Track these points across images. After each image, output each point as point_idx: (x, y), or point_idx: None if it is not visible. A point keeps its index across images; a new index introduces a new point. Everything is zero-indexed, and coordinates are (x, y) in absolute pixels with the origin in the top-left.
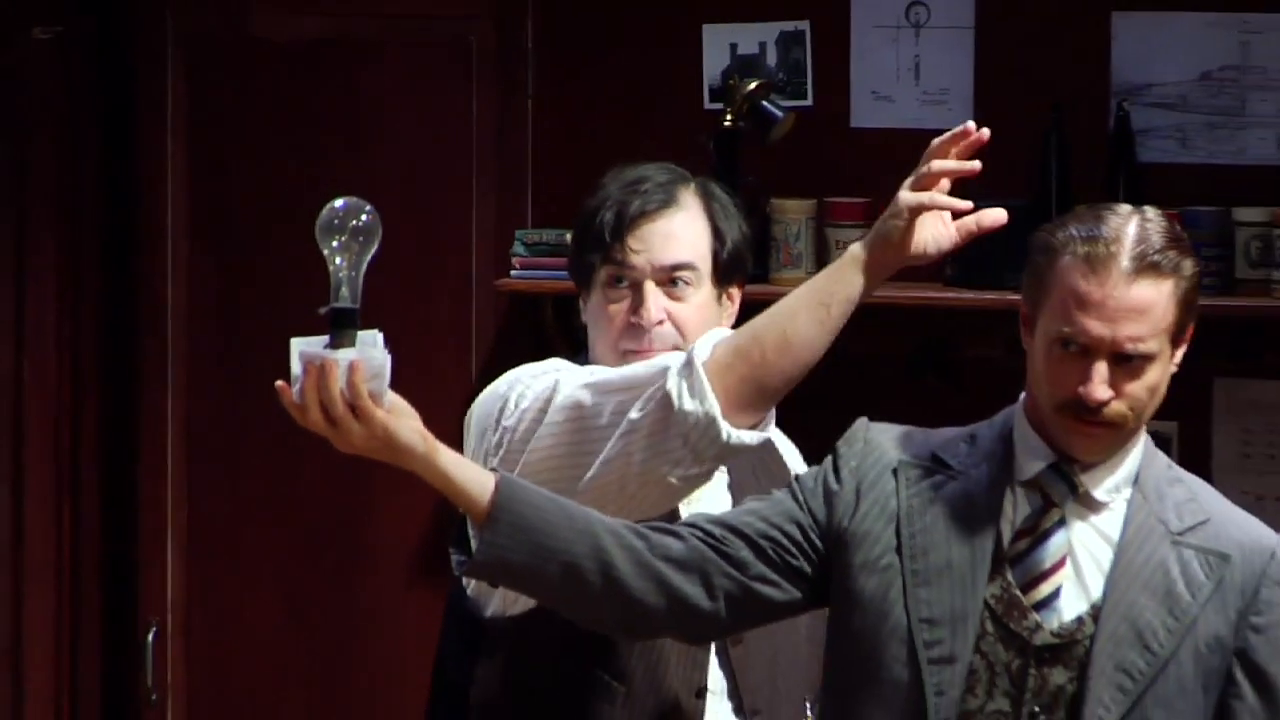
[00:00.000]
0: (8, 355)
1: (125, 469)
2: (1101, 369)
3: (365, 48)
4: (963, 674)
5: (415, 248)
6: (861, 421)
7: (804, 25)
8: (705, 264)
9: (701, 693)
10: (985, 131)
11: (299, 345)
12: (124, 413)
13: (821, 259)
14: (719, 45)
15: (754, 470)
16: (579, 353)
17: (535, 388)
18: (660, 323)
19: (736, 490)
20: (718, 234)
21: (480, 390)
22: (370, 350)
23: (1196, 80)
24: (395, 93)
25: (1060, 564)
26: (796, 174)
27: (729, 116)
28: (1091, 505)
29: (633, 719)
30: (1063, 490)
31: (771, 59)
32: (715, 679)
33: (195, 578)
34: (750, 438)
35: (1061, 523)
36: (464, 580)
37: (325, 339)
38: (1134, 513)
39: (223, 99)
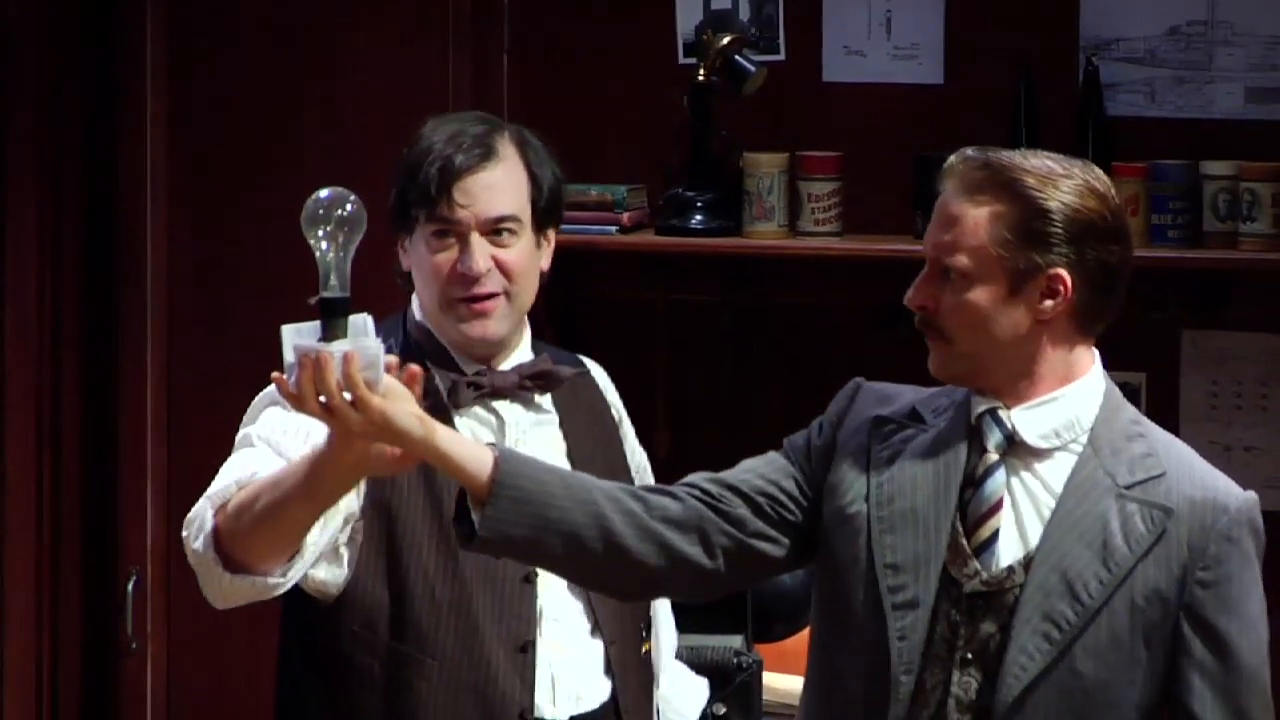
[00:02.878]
0: None
1: (105, 420)
2: (922, 274)
3: (343, 5)
4: (925, 619)
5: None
6: (856, 380)
7: None
8: (525, 213)
9: (527, 647)
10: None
11: (291, 335)
12: (104, 365)
13: (794, 212)
14: (692, 1)
15: (579, 403)
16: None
17: (242, 431)
18: (487, 271)
19: (568, 433)
20: (535, 181)
21: None
22: (363, 340)
23: (1164, 35)
24: (372, 50)
25: (996, 507)
26: (769, 128)
27: (702, 71)
28: (1031, 452)
29: (452, 689)
30: (997, 435)
31: (744, 14)
32: (573, 612)
33: (175, 528)
34: (258, 584)
35: (999, 465)
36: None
37: (316, 326)
38: (1081, 465)
39: (202, 58)
